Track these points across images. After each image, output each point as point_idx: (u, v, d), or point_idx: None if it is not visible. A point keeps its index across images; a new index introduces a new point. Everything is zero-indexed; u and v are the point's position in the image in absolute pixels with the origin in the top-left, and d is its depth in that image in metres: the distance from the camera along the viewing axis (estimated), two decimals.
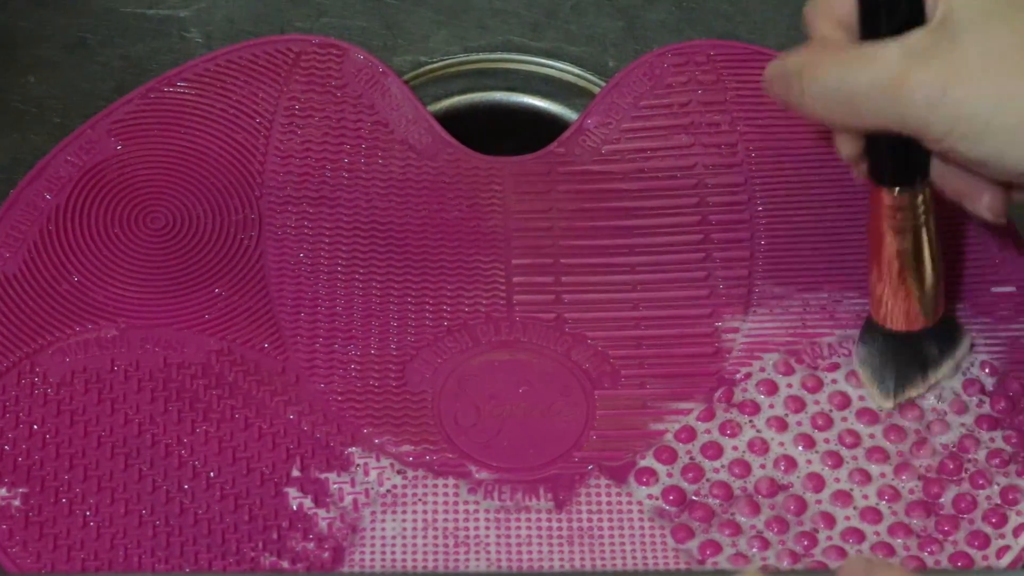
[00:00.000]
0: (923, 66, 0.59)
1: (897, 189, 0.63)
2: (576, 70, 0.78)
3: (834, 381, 0.67)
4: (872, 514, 0.63)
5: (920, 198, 0.63)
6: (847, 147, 0.64)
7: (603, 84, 0.77)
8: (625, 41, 0.79)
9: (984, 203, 0.63)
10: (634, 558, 0.63)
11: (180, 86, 0.75)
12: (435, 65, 0.78)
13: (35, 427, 0.66)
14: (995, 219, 0.64)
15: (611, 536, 0.63)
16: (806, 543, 0.63)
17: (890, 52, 0.60)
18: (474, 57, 0.79)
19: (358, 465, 0.65)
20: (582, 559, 0.63)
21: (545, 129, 0.77)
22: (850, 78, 0.61)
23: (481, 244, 0.71)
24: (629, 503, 0.64)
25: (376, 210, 0.72)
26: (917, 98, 0.59)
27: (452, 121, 0.76)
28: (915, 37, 0.60)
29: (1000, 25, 0.60)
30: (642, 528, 0.64)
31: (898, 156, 0.63)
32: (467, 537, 0.63)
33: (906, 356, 0.66)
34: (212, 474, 0.64)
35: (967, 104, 0.59)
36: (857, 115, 0.61)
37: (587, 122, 0.74)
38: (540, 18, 0.80)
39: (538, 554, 0.63)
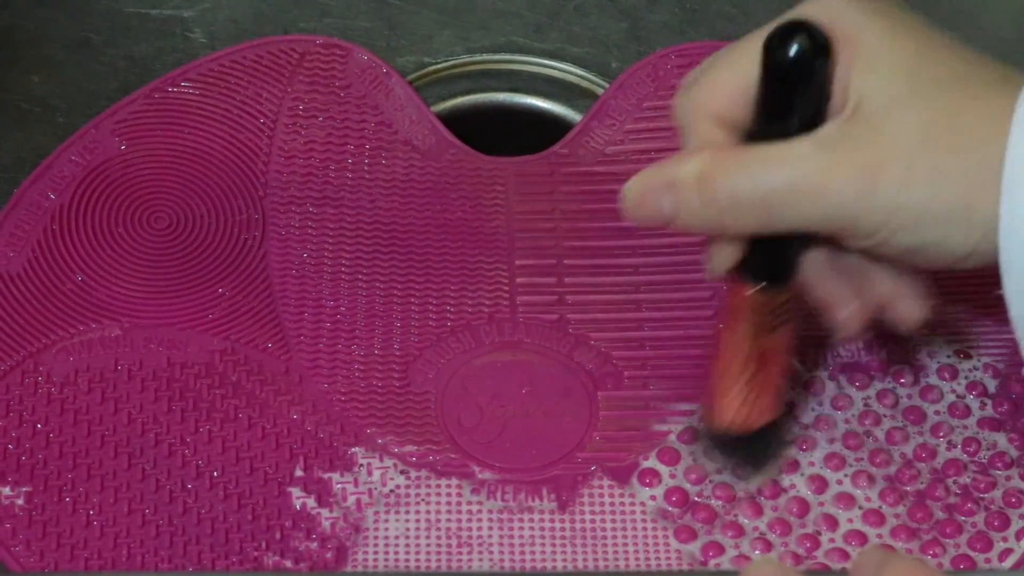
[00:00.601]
0: (847, 160, 0.55)
1: (764, 285, 0.59)
2: (579, 71, 0.78)
3: (837, 384, 0.67)
4: (874, 516, 0.64)
5: (784, 297, 0.59)
6: (729, 254, 0.59)
7: (606, 85, 0.77)
8: (628, 42, 0.79)
9: (846, 312, 0.60)
10: (636, 559, 0.63)
11: (184, 86, 0.75)
12: (438, 66, 0.78)
13: (39, 426, 0.66)
14: (850, 333, 0.60)
15: (614, 537, 0.63)
16: (808, 545, 0.63)
17: (806, 149, 0.55)
18: (477, 58, 0.79)
19: (361, 465, 0.65)
20: (584, 560, 0.63)
21: (548, 130, 0.77)
22: (766, 181, 0.55)
23: (484, 245, 0.71)
24: (632, 504, 0.64)
25: (379, 210, 0.72)
26: (847, 194, 0.54)
27: (455, 122, 0.76)
28: (830, 131, 0.55)
29: (920, 106, 0.55)
30: (644, 529, 0.64)
31: (776, 252, 0.58)
32: (470, 537, 0.63)
33: (743, 453, 0.64)
34: (215, 473, 0.64)
35: (902, 193, 0.54)
36: (774, 220, 0.56)
37: (590, 123, 0.74)
38: (543, 19, 0.80)
39: (541, 555, 0.63)
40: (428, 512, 0.64)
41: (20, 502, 0.64)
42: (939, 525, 0.63)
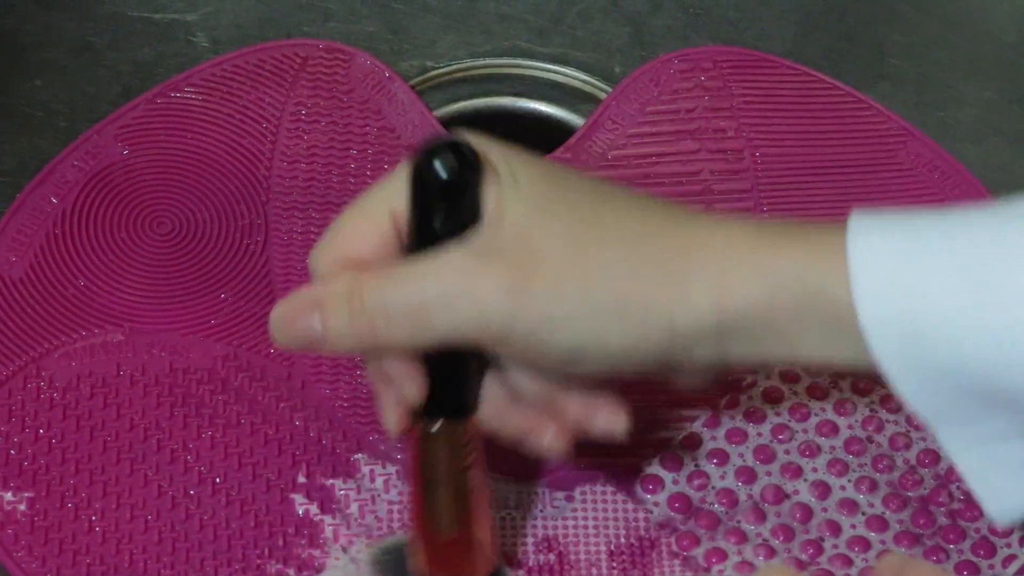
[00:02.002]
0: (499, 262, 0.54)
1: (440, 422, 0.58)
2: (582, 76, 0.78)
3: (840, 389, 0.67)
4: (878, 522, 0.63)
5: (468, 436, 0.58)
6: (408, 392, 0.57)
7: (609, 90, 0.77)
8: (631, 47, 0.79)
9: (547, 437, 0.59)
10: (640, 565, 0.63)
11: (187, 91, 0.75)
12: (441, 70, 0.78)
13: (41, 431, 0.66)
14: (555, 454, 0.59)
15: (617, 543, 0.63)
16: (812, 551, 0.63)
17: (456, 256, 0.55)
18: (480, 62, 0.79)
19: (364, 471, 0.65)
20: (588, 566, 0.63)
21: (551, 134, 0.77)
22: (417, 289, 0.55)
23: None
24: (635, 510, 0.64)
25: None
26: (500, 294, 0.54)
27: (458, 126, 0.76)
28: (478, 239, 0.55)
29: (562, 215, 0.55)
30: (648, 535, 0.64)
31: (451, 382, 0.57)
32: None
33: None
34: (218, 480, 0.64)
35: (556, 290, 0.54)
36: (428, 328, 0.55)
37: (593, 128, 0.74)
38: (546, 24, 0.80)
39: (543, 560, 0.63)
40: None
41: (22, 507, 0.64)
42: (942, 531, 0.63)
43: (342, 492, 0.64)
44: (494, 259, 0.55)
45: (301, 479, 0.64)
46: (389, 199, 0.56)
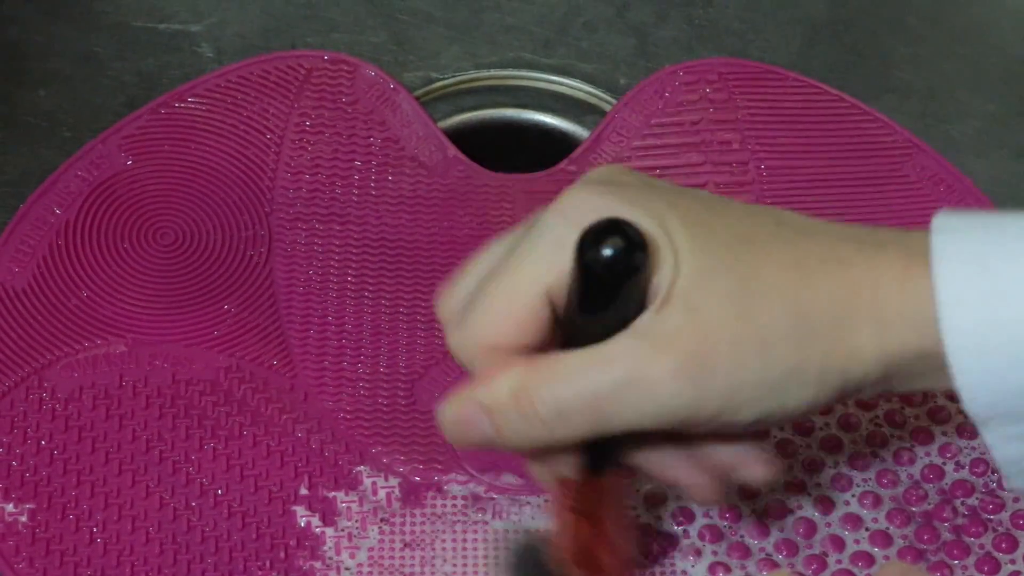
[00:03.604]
0: (673, 348, 0.52)
1: (586, 475, 0.57)
2: (587, 87, 0.78)
3: (844, 404, 0.66)
4: (882, 537, 0.63)
5: (604, 483, 0.57)
6: (558, 466, 0.56)
7: (614, 102, 0.76)
8: (636, 59, 0.79)
9: (701, 493, 0.57)
10: None
11: (191, 101, 0.75)
12: (446, 82, 0.78)
13: (43, 442, 0.65)
14: (710, 504, 0.60)
15: None
16: (815, 566, 0.63)
17: (626, 346, 0.52)
18: (485, 74, 0.78)
19: (366, 484, 0.65)
20: None
21: (556, 146, 0.77)
22: (590, 383, 0.52)
23: None
24: (638, 523, 0.64)
25: (386, 227, 0.72)
26: (681, 384, 0.52)
27: (462, 138, 0.76)
28: (646, 322, 0.52)
29: (722, 278, 0.53)
30: (651, 548, 0.63)
31: (608, 446, 0.56)
32: (476, 556, 0.63)
33: None
34: (220, 492, 0.64)
35: (736, 373, 0.52)
36: (606, 423, 0.53)
37: (598, 140, 0.74)
38: (551, 35, 0.80)
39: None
40: (434, 531, 0.64)
41: (24, 519, 0.64)
42: (946, 547, 0.63)
43: (344, 504, 0.64)
44: (667, 345, 0.52)
45: (303, 491, 0.64)
46: (543, 277, 0.53)
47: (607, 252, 0.51)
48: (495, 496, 0.64)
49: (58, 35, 0.78)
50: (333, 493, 0.64)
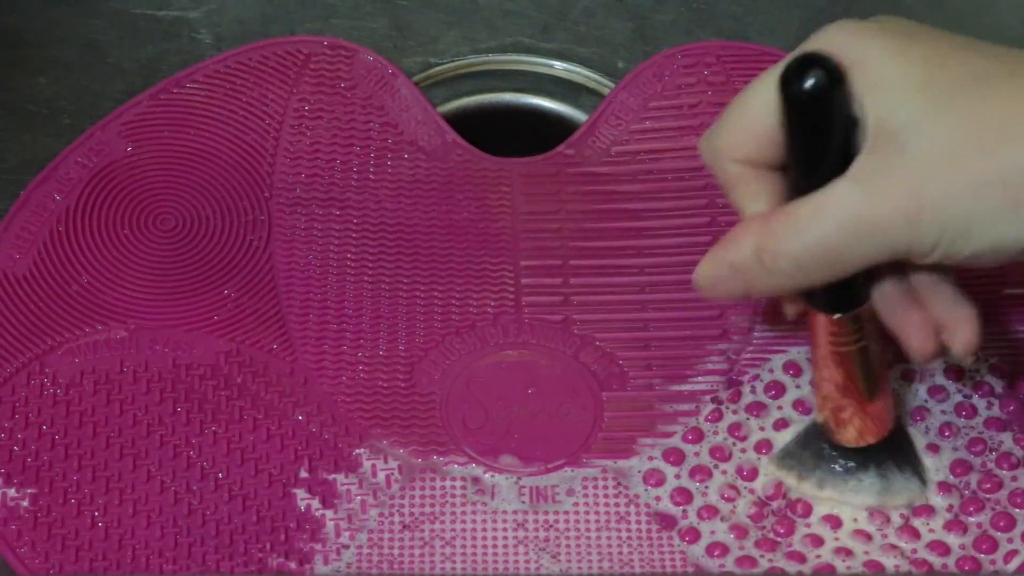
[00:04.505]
0: (887, 191, 0.55)
1: (838, 315, 0.60)
2: (585, 71, 0.78)
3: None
4: (880, 516, 0.63)
5: (861, 318, 0.60)
6: (798, 304, 0.62)
7: (612, 85, 0.77)
8: (634, 42, 0.79)
9: (915, 340, 0.61)
10: (641, 560, 0.63)
11: (190, 87, 0.75)
12: (444, 66, 0.78)
13: (44, 428, 0.66)
14: (926, 361, 0.62)
15: (619, 537, 0.63)
16: (812, 545, 0.63)
17: (845, 191, 0.56)
18: (483, 58, 0.79)
19: (366, 466, 0.65)
20: (590, 561, 0.63)
21: (554, 130, 0.77)
22: (817, 235, 0.57)
23: (489, 245, 0.71)
24: (637, 504, 0.64)
25: (385, 211, 0.72)
26: (897, 224, 0.55)
27: (461, 122, 0.76)
28: (861, 165, 0.56)
29: (941, 117, 0.55)
30: (650, 529, 0.64)
31: (839, 288, 0.59)
32: (475, 538, 0.63)
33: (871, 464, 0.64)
34: (220, 475, 0.64)
35: (947, 210, 0.55)
36: (839, 266, 0.57)
37: (596, 123, 0.74)
38: (550, 19, 0.80)
39: (546, 555, 0.63)
40: (433, 513, 0.64)
41: (25, 504, 0.64)
42: (944, 526, 0.63)
43: (344, 487, 0.64)
44: (881, 186, 0.55)
45: (303, 474, 0.65)
46: (768, 95, 0.57)
47: (804, 84, 0.54)
48: (494, 477, 0.65)
49: (58, 22, 0.78)
50: (333, 476, 0.65)
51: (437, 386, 0.67)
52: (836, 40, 0.57)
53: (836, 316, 0.60)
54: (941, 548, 0.63)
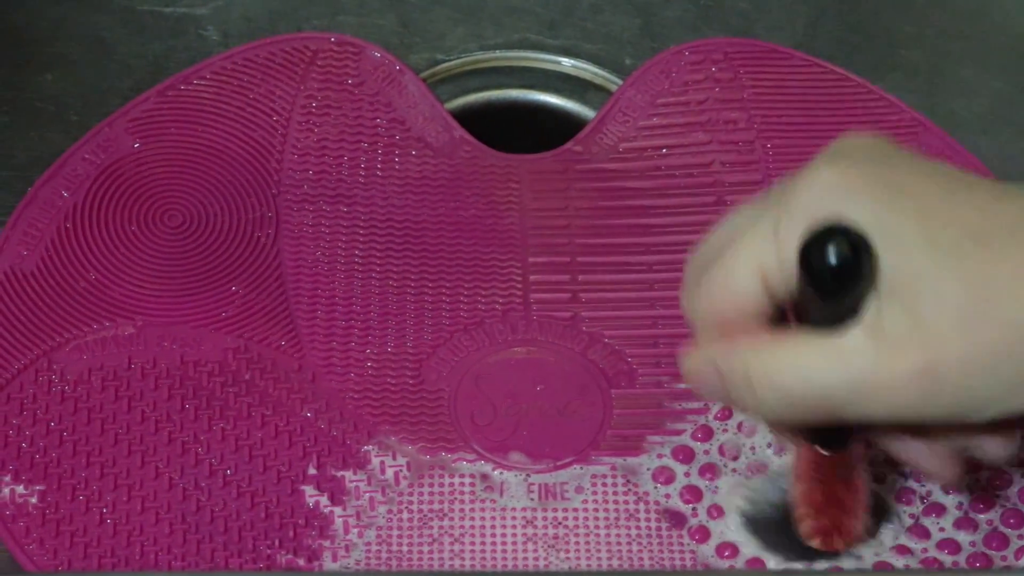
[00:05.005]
0: (903, 353, 0.51)
1: (827, 452, 0.58)
2: (593, 68, 0.78)
3: None
4: (888, 515, 0.63)
5: (850, 455, 0.59)
6: (789, 433, 0.59)
7: (620, 82, 0.76)
8: (642, 39, 0.79)
9: (940, 475, 0.58)
10: (651, 558, 0.63)
11: (197, 84, 0.75)
12: (452, 63, 0.78)
13: (52, 424, 0.66)
14: (948, 483, 0.61)
15: (628, 535, 0.63)
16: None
17: (859, 344, 0.52)
18: (491, 55, 0.79)
19: (374, 463, 0.65)
20: (599, 558, 0.63)
21: (562, 127, 0.77)
22: (819, 381, 0.52)
23: (497, 242, 0.71)
24: (646, 502, 0.64)
25: (392, 208, 0.72)
26: (912, 391, 0.51)
27: (469, 119, 0.76)
28: (874, 316, 0.52)
29: (948, 281, 0.51)
30: (659, 527, 0.63)
31: (840, 431, 0.58)
32: (484, 535, 0.63)
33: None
34: (228, 472, 0.64)
35: (965, 383, 0.51)
36: (835, 415, 0.53)
37: (604, 120, 0.74)
38: (557, 16, 0.80)
39: (555, 553, 0.63)
40: (441, 510, 0.64)
41: (34, 500, 0.64)
42: (955, 523, 0.63)
43: (352, 483, 0.64)
44: (898, 351, 0.51)
45: (311, 471, 0.65)
46: (758, 258, 0.53)
47: (831, 260, 0.51)
48: (503, 475, 0.65)
49: (65, 19, 0.78)
50: (341, 472, 0.65)
51: (445, 383, 0.67)
52: (821, 196, 0.53)
53: (825, 453, 0.58)
54: (951, 546, 0.62)
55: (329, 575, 0.62)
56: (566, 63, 0.78)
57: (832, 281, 0.51)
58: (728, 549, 0.63)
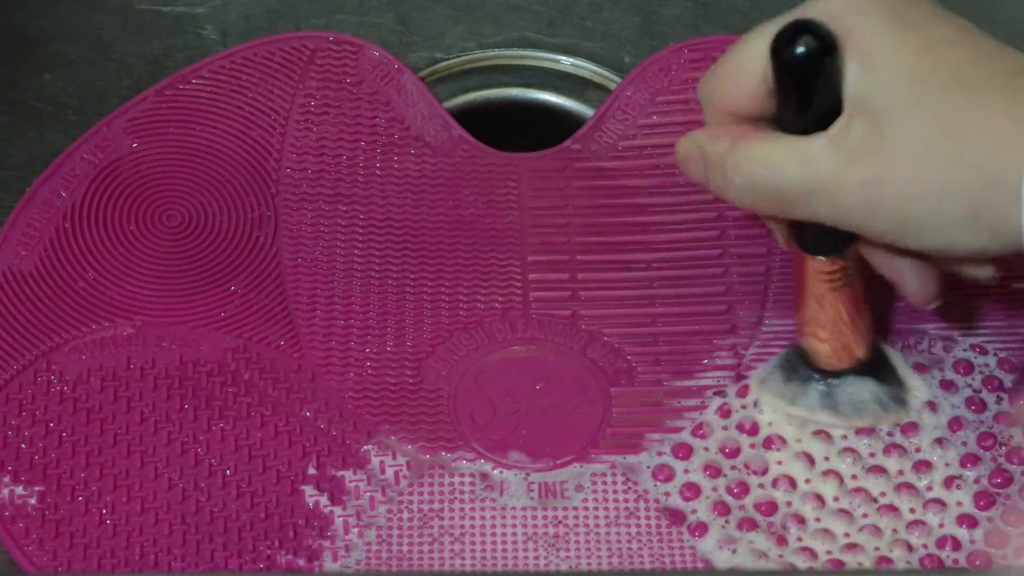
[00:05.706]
0: (856, 165, 0.56)
1: (822, 258, 0.62)
2: (592, 66, 0.78)
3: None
4: (890, 511, 0.63)
5: (842, 264, 0.62)
6: (778, 230, 0.64)
7: (619, 80, 0.76)
8: (641, 37, 0.79)
9: (915, 289, 0.62)
10: (651, 555, 0.63)
11: (196, 83, 0.75)
12: (451, 61, 0.78)
13: (51, 425, 0.66)
14: (925, 305, 0.63)
15: (628, 533, 0.63)
16: (823, 540, 0.63)
17: (819, 149, 0.57)
18: (490, 53, 0.78)
19: (374, 463, 0.65)
20: (599, 556, 0.63)
21: (561, 125, 0.77)
22: (779, 175, 0.58)
23: (497, 241, 0.71)
24: (646, 500, 0.64)
25: (391, 207, 0.72)
26: (853, 203, 0.56)
27: (468, 117, 0.76)
28: (840, 129, 0.56)
29: (923, 113, 0.55)
30: (659, 525, 0.63)
31: (824, 236, 0.61)
32: (484, 534, 0.63)
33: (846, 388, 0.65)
34: (228, 472, 0.64)
35: (906, 207, 0.56)
36: (787, 210, 0.59)
37: (603, 118, 0.74)
38: (556, 14, 0.79)
39: (555, 551, 0.63)
40: (441, 509, 0.64)
41: (33, 501, 0.64)
42: (956, 520, 0.63)
43: (352, 483, 0.64)
44: (853, 160, 0.56)
45: (311, 471, 0.64)
46: (761, 61, 0.58)
47: (796, 50, 0.56)
48: (503, 473, 0.65)
49: (63, 19, 0.78)
50: (341, 472, 0.64)
51: (445, 382, 0.67)
52: (834, 8, 0.57)
53: (818, 258, 0.61)
54: (952, 543, 0.62)
55: (329, 575, 0.62)
56: (565, 61, 0.78)
57: (797, 71, 0.57)
58: (728, 544, 0.62)
